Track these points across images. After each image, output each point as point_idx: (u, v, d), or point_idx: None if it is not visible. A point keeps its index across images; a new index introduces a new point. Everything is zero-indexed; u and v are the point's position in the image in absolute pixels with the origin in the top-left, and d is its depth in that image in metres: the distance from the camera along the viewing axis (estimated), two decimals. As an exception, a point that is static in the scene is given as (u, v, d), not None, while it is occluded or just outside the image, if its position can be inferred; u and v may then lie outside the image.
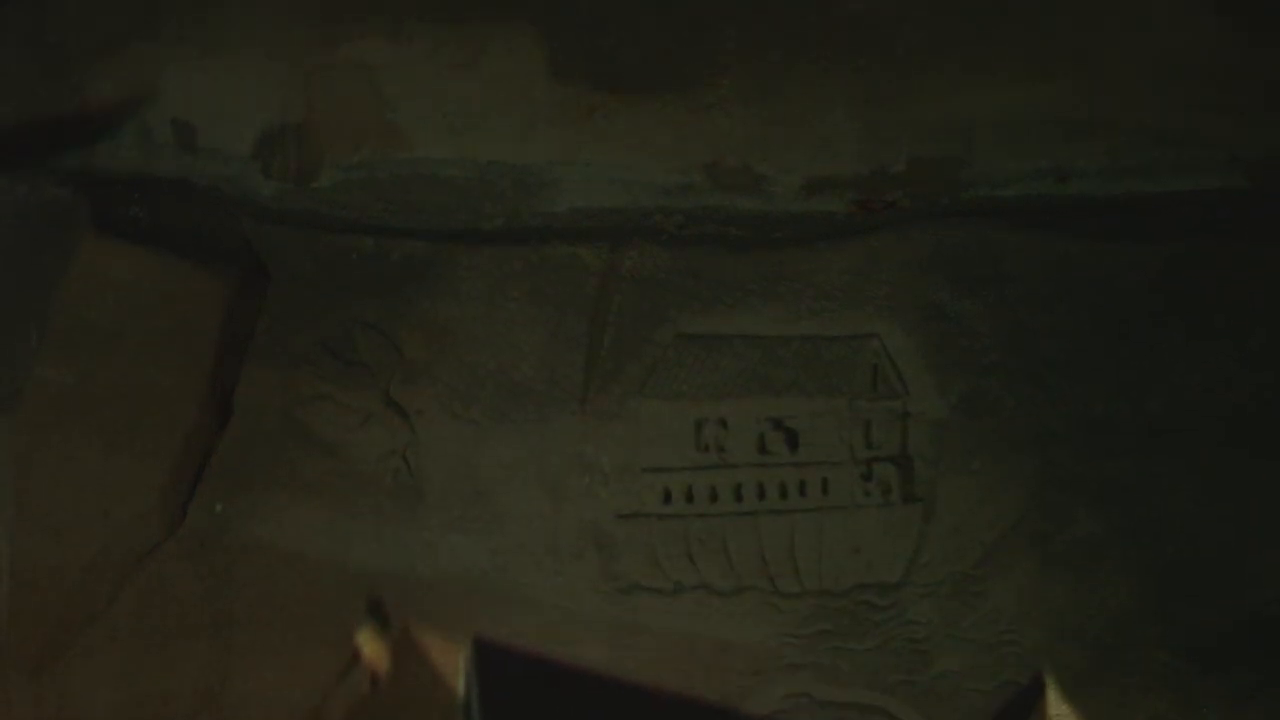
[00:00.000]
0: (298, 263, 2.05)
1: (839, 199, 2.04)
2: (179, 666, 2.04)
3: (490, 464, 2.02)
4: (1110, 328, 1.99)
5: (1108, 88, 1.99)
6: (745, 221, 2.04)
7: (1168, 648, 2.01)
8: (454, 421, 2.02)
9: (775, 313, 2.01)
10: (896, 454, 2.02)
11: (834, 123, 2.01)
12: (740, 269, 2.01)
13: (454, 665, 2.04)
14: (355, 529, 2.03)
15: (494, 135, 2.03)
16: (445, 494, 2.02)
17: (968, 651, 2.02)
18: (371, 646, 2.04)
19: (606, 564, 2.02)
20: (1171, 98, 1.99)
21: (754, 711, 2.04)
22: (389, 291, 2.03)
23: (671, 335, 2.01)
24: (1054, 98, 1.99)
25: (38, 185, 2.03)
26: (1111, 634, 2.01)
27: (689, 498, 2.02)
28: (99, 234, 1.99)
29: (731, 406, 2.01)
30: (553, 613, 2.03)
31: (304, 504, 2.04)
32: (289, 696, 2.06)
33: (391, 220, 2.06)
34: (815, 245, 2.01)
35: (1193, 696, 1.99)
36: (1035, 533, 2.01)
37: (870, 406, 2.02)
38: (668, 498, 2.02)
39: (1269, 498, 2.00)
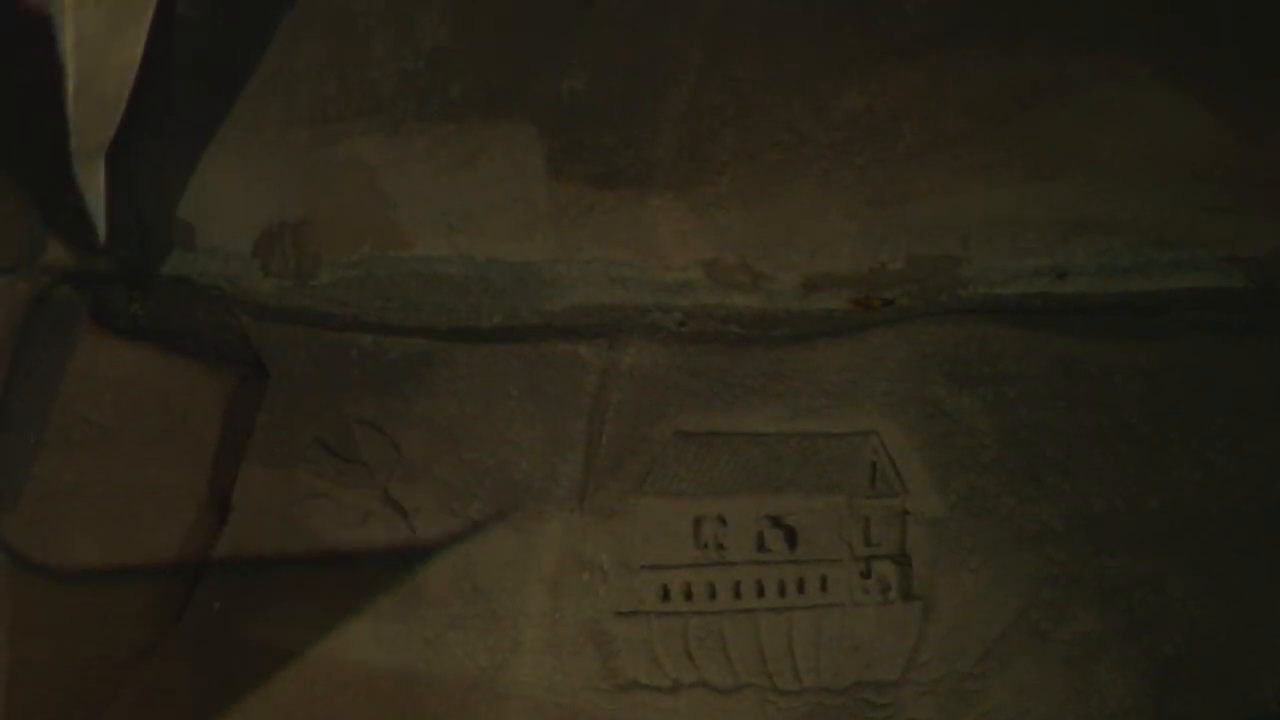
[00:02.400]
0: (297, 360, 2.06)
1: (838, 297, 2.04)
2: (178, 766, 2.05)
3: (489, 561, 2.02)
4: (1108, 426, 1.99)
5: (1105, 187, 1.98)
6: (744, 319, 2.05)
7: (1167, 745, 2.01)
8: (453, 519, 2.02)
9: (774, 410, 2.01)
10: (895, 552, 2.02)
11: (833, 221, 2.01)
12: (739, 366, 2.01)
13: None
14: (354, 627, 2.03)
15: (493, 233, 2.04)
16: (444, 592, 2.02)
17: (967, 750, 2.02)
18: None
19: (605, 661, 2.02)
20: (1169, 197, 1.99)
21: (753, 809, 2.04)
22: (388, 389, 2.03)
23: (670, 433, 2.01)
24: (1052, 197, 1.99)
25: (37, 282, 2.04)
26: (1111, 731, 2.01)
27: (688, 595, 2.02)
28: (98, 331, 2.00)
29: (730, 504, 2.02)
30: (552, 710, 2.03)
31: (302, 602, 2.04)
32: (287, 795, 2.06)
33: (390, 318, 2.07)
34: (814, 343, 2.02)
35: (1192, 794, 1.99)
36: (1034, 630, 2.00)
37: (869, 504, 2.01)
38: (666, 595, 2.02)
39: (1268, 596, 1.99)
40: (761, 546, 2.02)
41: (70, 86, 2.01)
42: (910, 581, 2.02)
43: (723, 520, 2.02)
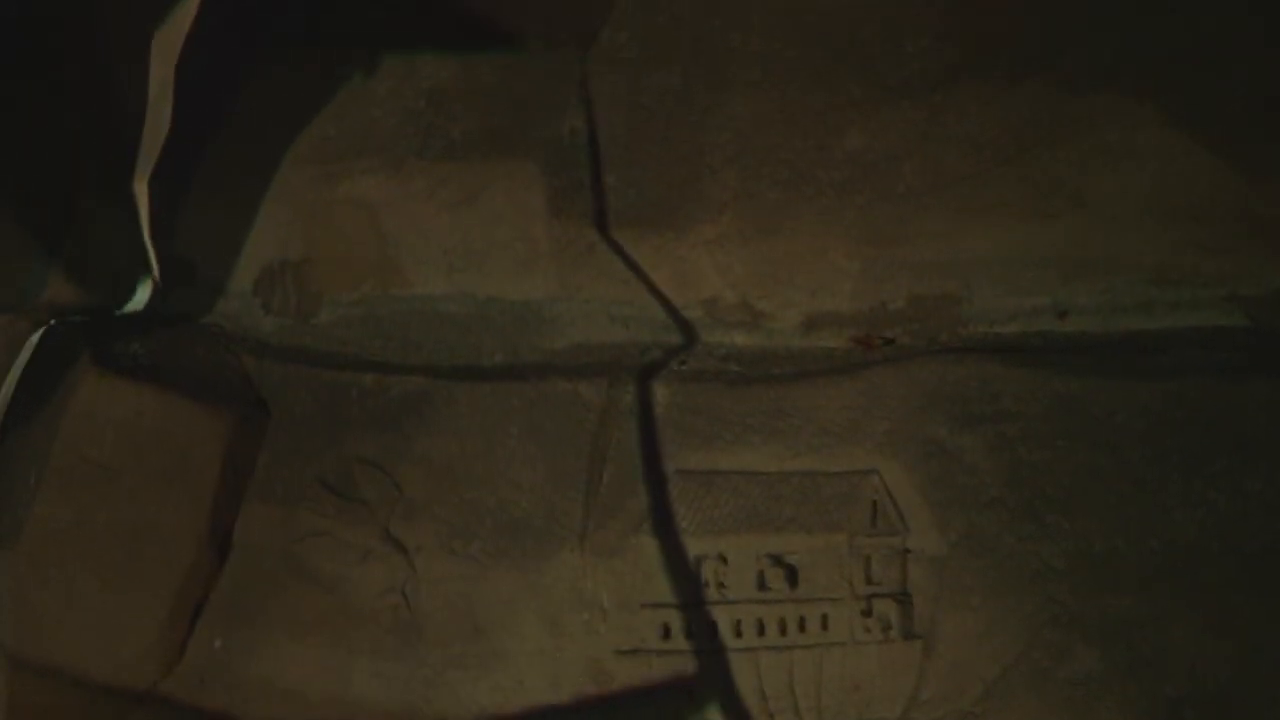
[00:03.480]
0: (298, 399, 2.06)
1: (838, 335, 2.04)
2: (178, 806, 2.04)
3: (490, 600, 2.02)
4: (1109, 465, 1.99)
5: (1106, 226, 1.99)
6: (745, 357, 2.05)
7: (1168, 784, 2.00)
8: (453, 558, 2.02)
9: (774, 449, 2.01)
10: (896, 590, 2.02)
11: (833, 260, 2.02)
12: (739, 405, 2.01)
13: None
14: (355, 666, 2.03)
15: (494, 272, 2.04)
16: (445, 630, 2.02)
17: (968, 789, 2.02)
18: None
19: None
20: (1170, 236, 1.99)
21: None
22: (388, 428, 2.03)
23: (671, 471, 2.01)
24: (1053, 236, 1.99)
25: (38, 322, 2.04)
26: (1111, 770, 2.01)
27: (689, 634, 2.02)
28: (99, 371, 2.00)
29: (731, 542, 2.02)
30: (553, 749, 2.03)
31: (303, 641, 2.04)
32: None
33: (391, 356, 2.07)
34: (815, 381, 2.02)
35: (1192, 834, 1.98)
36: (1035, 669, 2.00)
37: (870, 543, 2.01)
38: (667, 634, 2.02)
39: (1270, 635, 1.99)
40: (762, 585, 2.02)
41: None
42: (911, 620, 2.01)
43: (723, 559, 2.02)
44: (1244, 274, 2.00)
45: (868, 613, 2.02)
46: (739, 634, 2.02)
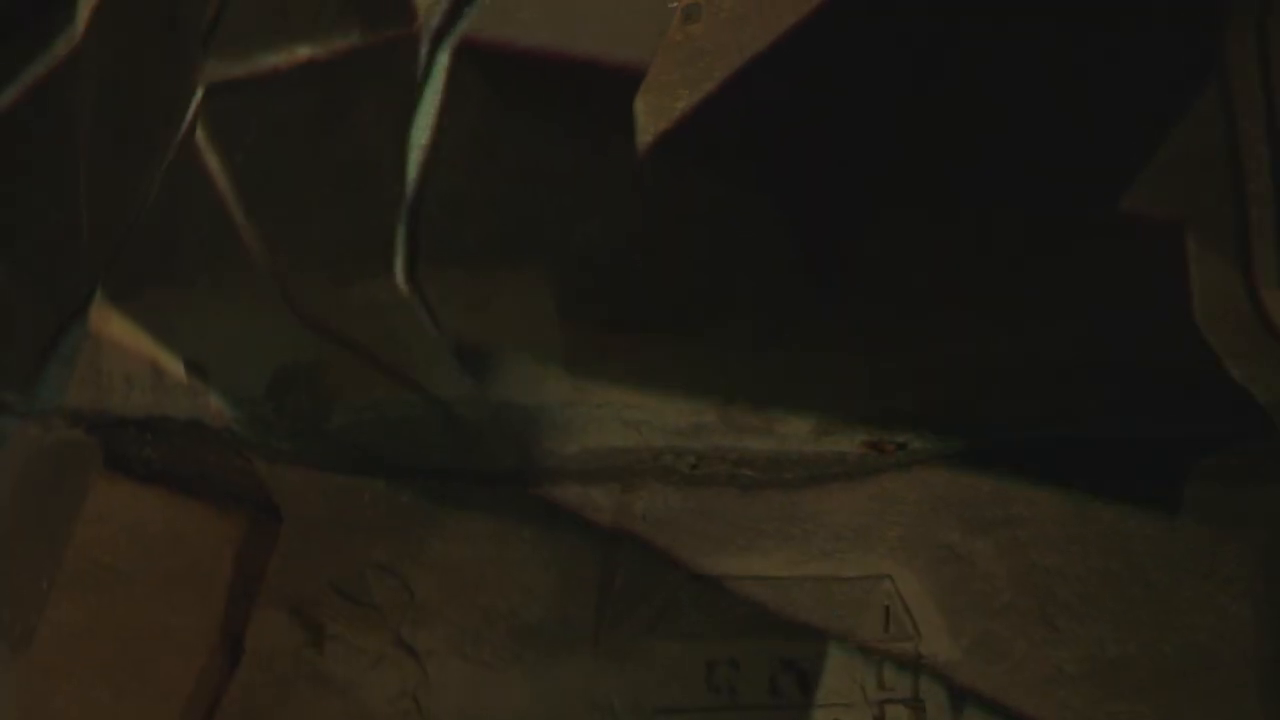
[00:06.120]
0: (310, 504, 2.06)
1: (850, 440, 2.04)
2: None
3: (501, 705, 2.02)
4: (1121, 570, 1.99)
5: (1118, 331, 1.98)
6: (757, 462, 2.05)
7: None
8: (465, 663, 2.02)
9: (787, 554, 2.01)
10: (909, 696, 2.02)
11: (845, 364, 2.01)
12: (752, 510, 2.02)
13: None
14: (366, 772, 2.04)
15: (506, 377, 2.04)
16: (456, 736, 2.03)
17: None
18: None
19: (619, 806, 2.02)
20: (1183, 340, 1.98)
21: None
22: (400, 532, 2.04)
23: (683, 576, 2.01)
24: (1064, 341, 1.99)
25: (50, 426, 2.04)
26: None
27: (701, 739, 2.02)
28: (110, 475, 2.01)
29: (743, 647, 2.02)
30: None
31: (314, 746, 2.04)
32: None
33: (403, 461, 2.07)
34: (827, 486, 2.02)
35: None
36: (1049, 776, 2.00)
37: (882, 648, 2.02)
38: (679, 738, 2.02)
39: (1284, 742, 1.99)
40: (775, 690, 2.02)
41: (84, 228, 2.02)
42: (924, 726, 2.02)
43: (735, 664, 2.02)
44: (1256, 379, 2.00)
45: (880, 718, 2.02)
46: (751, 739, 2.03)
